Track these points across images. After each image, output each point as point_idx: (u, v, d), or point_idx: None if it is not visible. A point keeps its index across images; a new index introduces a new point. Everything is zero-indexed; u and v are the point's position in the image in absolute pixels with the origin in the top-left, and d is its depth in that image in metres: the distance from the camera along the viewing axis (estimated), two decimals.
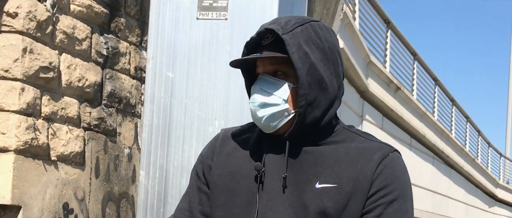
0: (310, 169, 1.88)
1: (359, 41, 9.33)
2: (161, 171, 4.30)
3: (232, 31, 4.22)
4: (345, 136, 1.95)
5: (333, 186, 1.86)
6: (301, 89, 1.86)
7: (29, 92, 4.40)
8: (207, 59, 4.25)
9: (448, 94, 17.88)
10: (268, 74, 1.90)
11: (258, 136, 1.99)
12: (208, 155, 2.04)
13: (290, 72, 1.89)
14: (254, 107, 1.89)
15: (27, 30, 4.38)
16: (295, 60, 1.85)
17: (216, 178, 1.98)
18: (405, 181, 1.91)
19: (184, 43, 4.31)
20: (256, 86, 1.91)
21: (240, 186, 1.93)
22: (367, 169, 1.87)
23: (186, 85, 4.29)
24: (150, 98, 4.37)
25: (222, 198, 1.95)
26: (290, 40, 1.86)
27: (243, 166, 1.95)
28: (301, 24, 1.90)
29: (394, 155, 1.92)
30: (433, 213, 15.21)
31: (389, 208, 1.86)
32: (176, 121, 4.30)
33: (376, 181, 1.87)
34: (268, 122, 1.89)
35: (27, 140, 4.37)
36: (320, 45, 1.90)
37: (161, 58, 4.36)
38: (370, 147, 1.92)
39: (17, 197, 4.32)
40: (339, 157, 1.89)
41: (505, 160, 27.60)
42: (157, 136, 4.33)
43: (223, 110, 4.22)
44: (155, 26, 4.39)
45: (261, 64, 1.92)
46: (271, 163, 1.91)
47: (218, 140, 2.05)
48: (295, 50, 1.85)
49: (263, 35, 1.91)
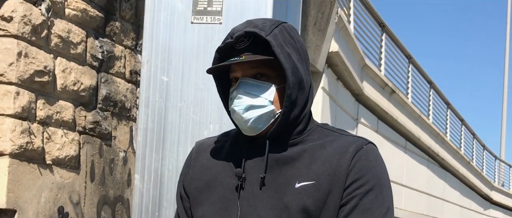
0: (288, 171, 1.89)
1: (354, 45, 9.34)
2: (156, 174, 4.31)
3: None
4: (320, 133, 1.96)
5: (311, 183, 1.87)
6: (287, 90, 1.87)
7: (24, 96, 4.40)
8: (201, 63, 4.26)
9: (443, 98, 17.90)
10: (249, 77, 1.90)
11: (233, 142, 1.99)
12: (185, 172, 2.04)
13: (271, 74, 1.90)
14: (240, 110, 1.88)
15: (22, 34, 4.38)
16: (283, 61, 1.86)
17: (193, 191, 1.98)
18: (380, 171, 1.91)
19: (179, 47, 4.32)
20: (239, 90, 1.89)
21: (215, 194, 1.93)
22: (342, 162, 1.88)
23: (181, 89, 4.30)
24: (145, 102, 4.38)
25: (200, 210, 1.96)
26: (274, 41, 1.86)
27: (218, 174, 1.95)
28: (276, 25, 1.91)
29: (368, 146, 1.93)
30: (428, 215, 15.22)
31: (365, 198, 1.86)
32: (171, 125, 4.31)
33: (351, 173, 1.87)
34: (255, 124, 1.89)
35: (22, 144, 4.37)
36: (294, 45, 1.92)
37: (156, 62, 4.37)
38: (344, 141, 1.93)
39: (12, 201, 4.32)
40: (315, 155, 1.91)
41: (500, 162, 27.63)
42: (152, 140, 4.34)
43: (218, 114, 4.24)
44: (149, 30, 4.40)
45: (240, 68, 1.91)
46: (250, 167, 1.91)
47: (193, 153, 2.06)
48: (280, 50, 1.86)
49: (240, 39, 1.89)
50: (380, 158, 1.95)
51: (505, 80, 31.28)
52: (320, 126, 1.99)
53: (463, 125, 20.63)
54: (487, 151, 24.86)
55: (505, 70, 31.36)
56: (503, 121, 31.47)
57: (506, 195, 26.11)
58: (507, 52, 31.44)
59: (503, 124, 31.54)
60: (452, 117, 19.10)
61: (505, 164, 28.65)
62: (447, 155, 16.78)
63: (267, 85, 1.90)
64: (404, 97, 12.97)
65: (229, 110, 1.94)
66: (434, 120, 16.52)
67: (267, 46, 1.87)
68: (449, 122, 18.59)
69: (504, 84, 31.38)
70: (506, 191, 26.53)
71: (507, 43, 31.51)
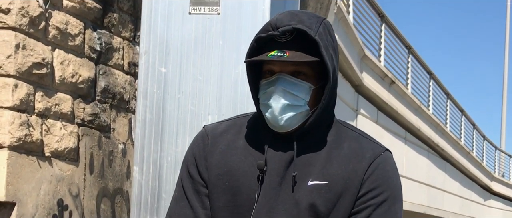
0: (304, 167, 1.88)
1: (353, 35, 9.33)
2: (155, 166, 4.31)
3: (224, 26, 4.22)
4: (338, 129, 1.95)
5: (324, 184, 1.86)
6: (327, 92, 1.85)
7: (22, 88, 4.40)
8: (199, 54, 4.25)
9: (443, 88, 17.89)
10: (288, 74, 1.86)
11: (253, 131, 1.96)
12: (201, 155, 1.97)
13: (310, 73, 1.87)
14: (276, 107, 1.84)
15: (19, 26, 4.37)
16: (328, 64, 1.83)
17: (214, 178, 1.93)
18: (395, 182, 1.91)
19: (177, 38, 4.31)
20: (278, 86, 1.85)
21: (240, 184, 1.90)
22: (358, 168, 1.88)
23: (179, 80, 4.29)
24: (143, 94, 4.37)
25: (224, 198, 1.91)
26: (322, 43, 1.82)
27: (241, 164, 1.92)
28: (320, 23, 1.86)
29: (385, 154, 1.93)
30: (428, 206, 15.23)
31: (378, 209, 1.86)
32: (169, 116, 4.30)
33: (367, 181, 1.87)
34: (288, 123, 1.86)
35: (21, 136, 4.37)
36: (333, 45, 1.89)
37: (154, 54, 4.36)
38: (362, 146, 1.92)
39: (11, 193, 4.32)
40: (332, 154, 1.89)
41: (500, 153, 27.65)
42: (151, 131, 4.33)
43: (216, 105, 4.23)
44: (147, 21, 4.39)
45: (279, 63, 1.86)
46: (272, 160, 1.90)
47: (207, 138, 1.99)
48: (326, 53, 1.83)
49: (285, 33, 1.83)
50: (396, 168, 1.95)
51: (505, 71, 31.27)
52: (339, 123, 1.97)
53: (463, 116, 20.62)
54: (487, 142, 24.87)
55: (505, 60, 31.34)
56: (503, 111, 31.47)
57: (506, 185, 26.13)
58: (507, 43, 31.42)
59: (503, 114, 31.55)
60: (452, 108, 19.10)
61: (505, 154, 28.66)
62: (447, 146, 16.79)
63: (305, 85, 1.87)
64: (404, 88, 12.95)
65: (260, 103, 1.90)
66: (434, 110, 16.51)
67: (312, 44, 1.83)
68: (449, 112, 18.58)
69: (504, 75, 31.37)
70: (506, 181, 26.55)
71: (507, 34, 31.48)
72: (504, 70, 31.32)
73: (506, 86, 31.37)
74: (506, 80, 31.32)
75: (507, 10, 31.48)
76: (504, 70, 31.32)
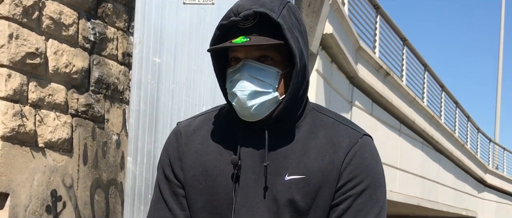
0: (280, 161, 1.82)
1: (348, 27, 9.30)
2: (149, 157, 4.29)
3: (219, 16, 4.19)
4: (314, 117, 1.88)
5: (301, 178, 1.80)
6: (294, 76, 1.78)
7: (15, 78, 4.37)
8: (194, 44, 4.23)
9: (438, 80, 17.89)
10: (253, 60, 1.79)
11: (227, 125, 1.89)
12: (175, 155, 1.91)
13: (277, 58, 1.80)
14: (243, 96, 1.77)
15: (13, 16, 4.34)
16: (292, 46, 1.76)
17: (190, 179, 1.88)
18: (375, 169, 1.85)
19: (171, 28, 4.29)
20: (243, 73, 1.78)
21: (217, 184, 1.84)
22: (335, 159, 1.81)
23: (173, 71, 4.27)
24: (137, 84, 4.35)
25: (202, 199, 1.86)
26: (285, 25, 1.76)
27: (216, 162, 1.86)
28: (283, 6, 1.80)
29: (363, 140, 1.85)
30: (422, 198, 15.25)
31: (358, 199, 1.81)
32: (163, 107, 4.28)
33: (345, 172, 1.81)
34: (257, 111, 1.79)
35: (14, 127, 4.34)
36: (299, 28, 1.82)
37: (148, 44, 4.33)
38: (338, 133, 1.85)
39: (4, 184, 4.30)
40: (308, 145, 1.83)
41: (495, 145, 27.68)
42: (145, 122, 4.32)
43: (211, 95, 4.21)
44: (141, 11, 4.36)
45: (243, 49, 1.79)
46: (245, 154, 1.83)
47: (181, 136, 1.93)
48: (290, 35, 1.77)
49: (247, 18, 1.77)
50: (375, 152, 1.87)
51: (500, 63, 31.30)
52: (315, 109, 1.90)
53: (458, 108, 20.64)
54: (482, 134, 24.90)
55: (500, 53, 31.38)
56: (498, 104, 31.52)
57: (500, 178, 26.18)
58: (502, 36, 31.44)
59: (497, 107, 31.60)
60: (447, 100, 19.11)
61: (499, 147, 28.70)
62: (442, 138, 16.80)
63: (272, 70, 1.79)
64: (399, 80, 12.95)
65: (228, 92, 1.83)
66: (428, 102, 16.52)
67: (274, 28, 1.77)
68: (444, 104, 18.59)
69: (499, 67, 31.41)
70: (500, 174, 26.60)
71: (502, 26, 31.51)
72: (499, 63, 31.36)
73: (501, 79, 31.42)
74: (500, 73, 31.37)
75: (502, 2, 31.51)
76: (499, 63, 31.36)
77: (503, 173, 27.26)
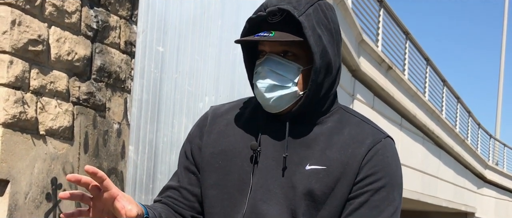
0: (302, 151, 1.87)
1: (351, 19, 9.27)
2: (151, 146, 4.27)
3: (223, 6, 4.17)
4: (341, 115, 1.94)
5: (322, 168, 1.85)
6: (313, 74, 1.84)
7: (17, 65, 4.35)
8: (198, 34, 4.21)
9: (440, 75, 17.86)
10: (276, 54, 1.87)
11: (252, 113, 1.97)
12: (196, 134, 2.01)
13: (300, 54, 1.86)
14: (262, 87, 1.85)
15: (16, 2, 4.31)
16: (312, 45, 1.82)
17: (208, 156, 1.95)
18: (395, 169, 1.89)
19: (175, 17, 4.26)
20: (264, 66, 1.86)
21: (232, 164, 1.91)
22: (357, 153, 1.86)
23: (176, 60, 4.25)
24: (140, 73, 4.33)
25: (215, 177, 1.93)
26: (306, 23, 1.82)
27: (236, 144, 1.93)
28: (311, 4, 1.86)
29: (386, 141, 1.91)
30: (422, 193, 15.24)
31: (376, 195, 1.84)
32: (166, 96, 4.27)
33: (365, 166, 1.85)
34: (276, 103, 1.86)
35: (16, 114, 4.32)
36: (328, 26, 1.87)
37: (152, 33, 4.31)
38: (363, 131, 1.90)
39: (5, 171, 4.28)
40: (332, 139, 1.88)
41: (495, 141, 27.68)
42: (147, 111, 4.30)
43: (214, 86, 4.19)
44: (146, 0, 4.34)
45: (268, 44, 1.87)
46: (266, 142, 1.90)
47: (208, 118, 2.02)
48: (311, 33, 1.82)
49: (273, 13, 1.84)
50: (396, 155, 1.93)
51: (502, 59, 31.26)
52: (342, 108, 1.96)
53: (459, 103, 20.62)
54: (482, 130, 24.90)
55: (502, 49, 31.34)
56: (499, 100, 31.50)
57: (500, 174, 26.19)
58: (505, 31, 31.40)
59: (498, 103, 31.57)
60: (448, 95, 19.09)
61: (500, 143, 28.70)
62: (442, 133, 16.79)
63: (293, 65, 1.86)
64: (401, 74, 12.92)
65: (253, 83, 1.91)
66: (430, 97, 16.50)
67: (299, 25, 1.83)
68: (445, 99, 18.57)
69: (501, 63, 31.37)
70: (500, 170, 26.61)
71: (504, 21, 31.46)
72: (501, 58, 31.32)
73: (503, 75, 31.39)
74: (502, 68, 31.33)
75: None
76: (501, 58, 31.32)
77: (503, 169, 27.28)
